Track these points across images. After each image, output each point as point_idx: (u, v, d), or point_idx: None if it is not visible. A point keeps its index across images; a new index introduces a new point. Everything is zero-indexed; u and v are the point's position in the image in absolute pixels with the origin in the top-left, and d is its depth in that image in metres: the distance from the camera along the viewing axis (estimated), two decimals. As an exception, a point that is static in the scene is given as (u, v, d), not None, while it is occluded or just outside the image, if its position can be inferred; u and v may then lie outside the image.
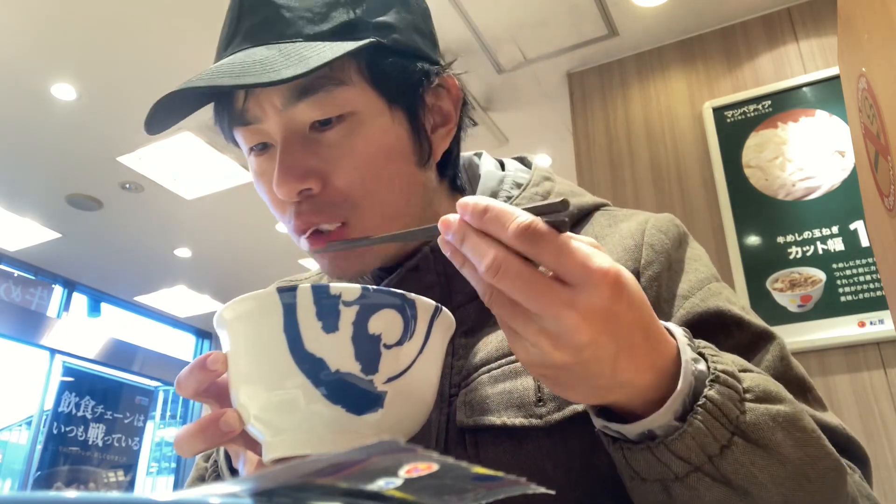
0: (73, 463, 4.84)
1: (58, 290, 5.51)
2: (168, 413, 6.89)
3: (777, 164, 2.39)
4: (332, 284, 0.39)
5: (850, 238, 2.20)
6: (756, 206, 2.37)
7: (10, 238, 4.67)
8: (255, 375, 0.40)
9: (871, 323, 2.08)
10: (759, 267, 2.29)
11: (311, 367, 0.38)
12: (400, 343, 0.40)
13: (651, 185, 2.59)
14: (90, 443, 4.96)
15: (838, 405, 2.05)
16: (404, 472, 0.23)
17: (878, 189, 1.10)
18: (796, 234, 2.28)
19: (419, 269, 0.62)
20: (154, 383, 6.09)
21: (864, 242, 2.17)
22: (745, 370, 0.44)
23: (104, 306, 5.94)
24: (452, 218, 0.39)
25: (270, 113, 0.56)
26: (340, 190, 0.56)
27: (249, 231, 4.65)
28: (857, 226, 2.20)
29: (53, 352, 5.30)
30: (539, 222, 0.37)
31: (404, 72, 0.58)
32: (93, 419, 5.04)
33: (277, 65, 0.51)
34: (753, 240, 2.34)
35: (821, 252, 2.23)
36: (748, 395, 0.42)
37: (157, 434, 6.78)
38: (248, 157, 0.62)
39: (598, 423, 0.45)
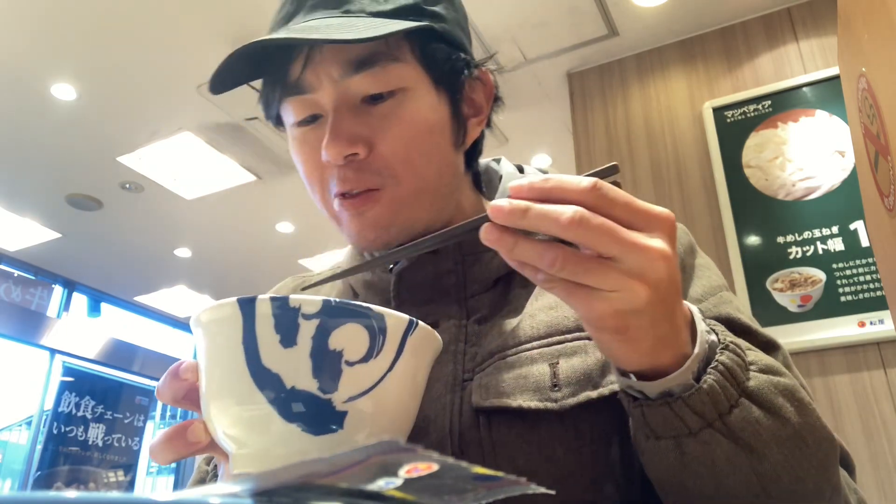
0: (73, 463, 4.84)
1: (58, 290, 5.51)
2: (168, 413, 6.89)
3: (777, 164, 2.39)
4: (292, 296, 0.37)
5: (850, 238, 2.20)
6: (756, 206, 2.37)
7: (10, 238, 4.67)
8: (215, 387, 0.39)
9: (871, 323, 2.08)
10: (759, 267, 2.29)
11: (267, 382, 0.36)
12: (365, 360, 0.38)
13: (651, 185, 2.59)
14: (90, 443, 4.96)
15: (838, 405, 2.05)
16: (404, 472, 0.23)
17: (878, 189, 1.10)
18: (796, 234, 2.28)
19: (438, 252, 0.64)
20: (154, 383, 6.08)
21: (864, 242, 2.17)
22: (749, 349, 0.49)
23: (104, 306, 5.94)
24: (503, 202, 0.39)
25: (326, 83, 0.59)
26: (384, 157, 0.59)
27: (249, 231, 4.65)
28: (857, 226, 2.20)
29: (53, 352, 5.30)
30: (602, 181, 0.40)
31: (450, 59, 0.63)
32: (93, 419, 5.04)
33: (352, 29, 0.55)
34: (753, 240, 2.34)
35: (821, 252, 2.23)
36: (752, 367, 0.46)
37: (157, 434, 6.79)
38: (291, 129, 0.64)
39: (622, 382, 0.47)
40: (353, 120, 0.59)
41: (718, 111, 2.55)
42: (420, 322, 0.40)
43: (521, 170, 0.75)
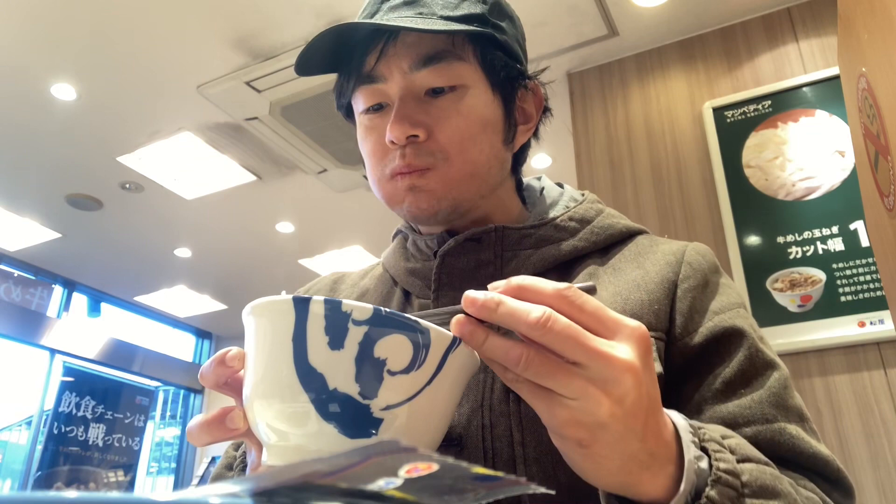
0: (73, 463, 4.84)
1: (58, 290, 5.51)
2: (168, 413, 6.89)
3: (777, 164, 2.39)
4: (345, 301, 0.38)
5: (850, 238, 2.20)
6: (756, 206, 2.37)
7: (10, 238, 4.67)
8: (260, 378, 0.40)
9: (871, 323, 2.08)
10: (759, 267, 2.29)
11: (311, 381, 0.38)
12: (406, 371, 0.39)
13: (651, 185, 2.59)
14: (90, 443, 4.96)
15: (838, 405, 2.05)
16: (404, 472, 0.23)
17: (878, 189, 1.10)
18: (796, 234, 2.28)
19: (481, 241, 0.68)
20: (154, 383, 6.09)
21: (864, 242, 2.17)
22: (745, 459, 0.46)
23: (104, 306, 5.94)
24: (478, 294, 0.40)
25: (396, 74, 0.66)
26: (440, 142, 0.65)
27: (249, 231, 4.65)
28: (857, 226, 2.20)
29: (53, 352, 5.30)
30: (575, 288, 0.41)
31: (507, 66, 0.70)
32: (93, 419, 5.04)
33: (427, 24, 0.63)
34: (753, 240, 2.34)
35: (821, 252, 2.23)
36: (746, 491, 0.44)
37: (157, 434, 6.79)
38: (360, 116, 0.71)
39: (605, 501, 0.46)
40: (416, 108, 0.66)
41: (718, 111, 2.55)
42: (461, 341, 0.41)
43: (560, 185, 0.81)
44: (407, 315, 0.39)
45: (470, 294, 0.40)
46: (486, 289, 0.64)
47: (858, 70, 1.13)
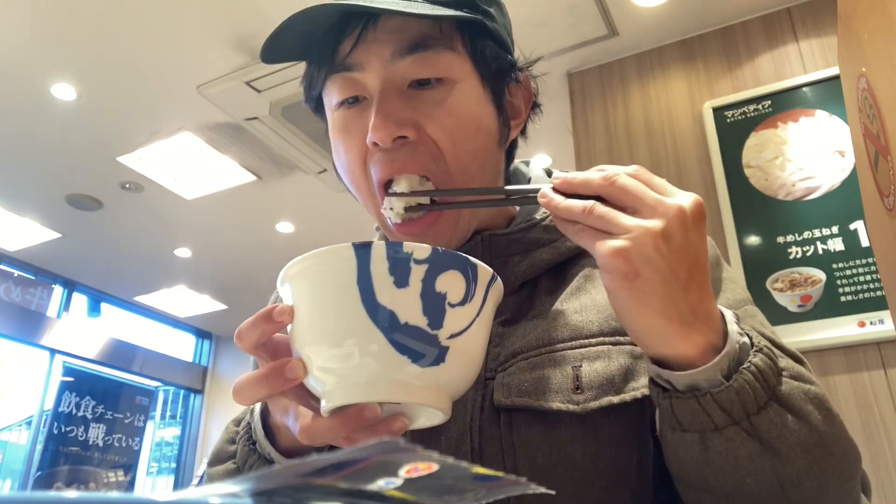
0: (73, 463, 4.83)
1: (58, 290, 5.51)
2: (168, 413, 6.89)
3: (777, 164, 2.39)
4: (405, 243, 0.41)
5: (850, 238, 2.20)
6: (756, 206, 2.37)
7: (10, 238, 4.67)
8: (323, 325, 0.42)
9: (871, 323, 2.08)
10: (759, 267, 2.29)
11: (383, 318, 0.40)
12: (462, 303, 0.42)
13: (651, 185, 2.59)
14: (90, 443, 4.96)
15: (838, 405, 2.04)
16: (404, 472, 0.23)
17: (878, 189, 1.10)
18: (796, 234, 2.28)
19: (468, 251, 0.64)
20: (154, 383, 6.09)
21: (864, 242, 2.17)
22: (781, 356, 0.50)
23: (104, 306, 5.94)
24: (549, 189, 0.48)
25: (375, 63, 0.59)
26: (433, 139, 0.59)
27: (249, 231, 4.65)
28: (857, 226, 2.20)
29: (53, 352, 5.30)
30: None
31: (498, 57, 0.64)
32: (93, 419, 5.04)
33: (411, 7, 0.56)
34: (753, 240, 2.34)
35: (821, 252, 2.22)
36: (784, 373, 0.47)
37: (157, 434, 6.78)
38: (332, 112, 0.63)
39: (651, 370, 0.48)
40: (400, 103, 0.58)
41: (718, 111, 2.55)
42: (497, 275, 0.45)
43: (549, 174, 0.76)
44: (458, 252, 0.43)
45: (545, 190, 0.48)
46: None
47: (858, 70, 1.13)
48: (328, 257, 0.42)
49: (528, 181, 0.73)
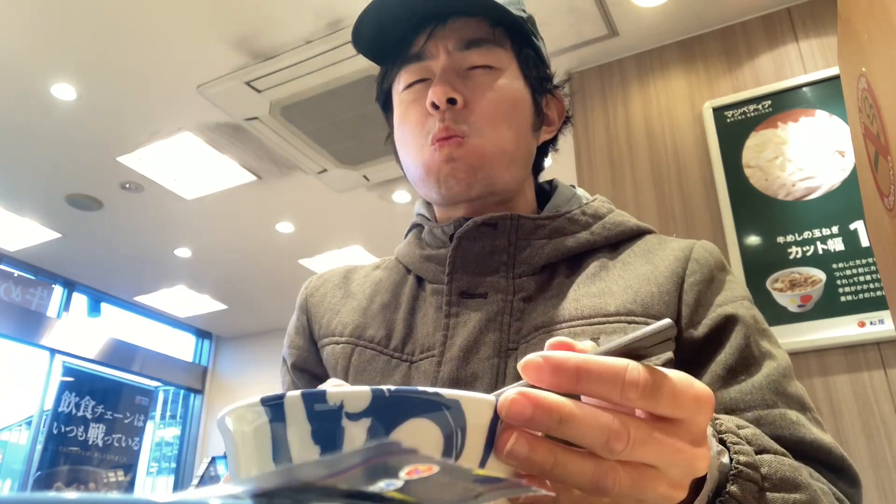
0: (73, 463, 4.83)
1: (58, 290, 5.51)
2: (168, 413, 6.89)
3: (777, 164, 2.39)
4: (329, 390, 0.27)
5: (850, 238, 2.20)
6: (756, 206, 2.37)
7: (10, 238, 4.67)
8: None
9: (871, 323, 2.08)
10: (759, 267, 2.29)
11: None
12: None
13: (651, 185, 2.59)
14: (90, 443, 4.96)
15: (838, 405, 2.05)
16: (405, 473, 0.23)
17: (878, 189, 1.10)
18: (796, 234, 2.28)
19: (497, 227, 0.70)
20: (154, 383, 6.09)
21: (864, 242, 2.17)
22: (762, 451, 0.45)
23: (104, 306, 5.94)
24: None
25: (442, 53, 0.72)
26: (474, 111, 0.70)
27: (249, 231, 4.65)
28: (857, 226, 2.20)
29: (53, 352, 5.30)
30: (652, 370, 0.31)
31: (538, 65, 0.76)
32: (93, 419, 5.03)
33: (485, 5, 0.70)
34: (753, 240, 2.34)
35: (821, 252, 2.23)
36: (766, 484, 0.43)
37: (157, 434, 6.79)
38: (400, 95, 0.74)
39: None
40: (455, 77, 0.71)
41: (718, 111, 2.55)
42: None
43: (572, 187, 0.83)
44: (422, 390, 0.27)
45: (529, 362, 0.31)
46: (500, 275, 0.69)
47: (858, 70, 1.13)
48: (237, 418, 0.29)
49: (554, 191, 0.80)
